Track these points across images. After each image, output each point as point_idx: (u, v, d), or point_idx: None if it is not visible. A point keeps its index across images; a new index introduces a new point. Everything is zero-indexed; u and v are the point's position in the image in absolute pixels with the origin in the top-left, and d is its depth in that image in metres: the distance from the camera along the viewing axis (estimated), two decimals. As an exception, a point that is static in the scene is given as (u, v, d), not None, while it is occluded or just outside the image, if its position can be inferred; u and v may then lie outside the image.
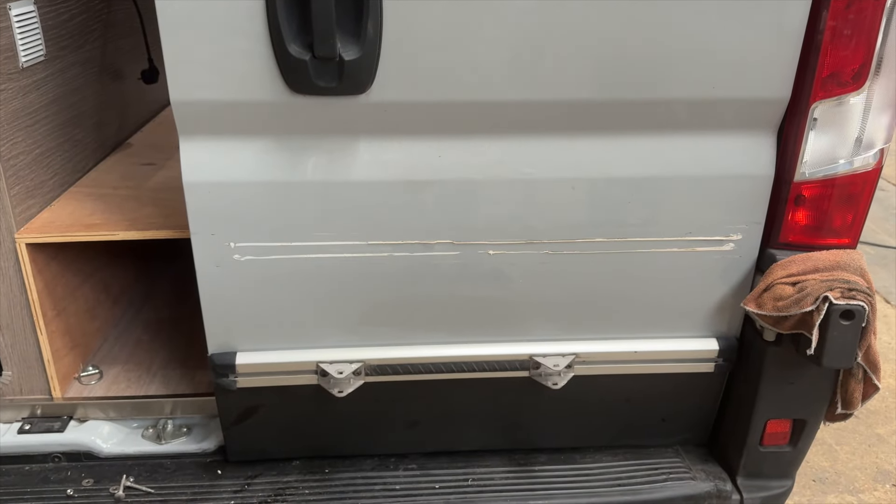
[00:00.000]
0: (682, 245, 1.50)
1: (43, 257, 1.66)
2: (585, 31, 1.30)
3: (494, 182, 1.43)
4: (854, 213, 1.47)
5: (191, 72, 1.28)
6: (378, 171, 1.41)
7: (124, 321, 2.14)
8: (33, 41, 1.68)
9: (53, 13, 1.78)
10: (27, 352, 1.70)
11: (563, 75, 1.34)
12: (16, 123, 1.61)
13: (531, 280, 1.52)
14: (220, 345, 1.53)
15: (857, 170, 1.43)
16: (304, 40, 1.25)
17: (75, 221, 1.67)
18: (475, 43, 1.30)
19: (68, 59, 1.86)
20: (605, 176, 1.45)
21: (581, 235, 1.48)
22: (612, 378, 1.62)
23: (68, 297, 1.81)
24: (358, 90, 1.30)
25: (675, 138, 1.43)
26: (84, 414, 1.79)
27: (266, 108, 1.33)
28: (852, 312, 1.34)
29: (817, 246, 1.48)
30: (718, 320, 1.59)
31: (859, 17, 1.32)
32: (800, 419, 1.61)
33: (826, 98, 1.37)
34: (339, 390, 1.52)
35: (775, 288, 1.44)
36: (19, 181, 1.62)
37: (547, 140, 1.42)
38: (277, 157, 1.39)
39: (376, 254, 1.46)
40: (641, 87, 1.36)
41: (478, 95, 1.35)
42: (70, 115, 1.87)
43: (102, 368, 1.90)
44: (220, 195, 1.40)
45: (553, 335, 1.58)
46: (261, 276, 1.46)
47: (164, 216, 1.70)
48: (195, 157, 1.38)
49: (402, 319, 1.54)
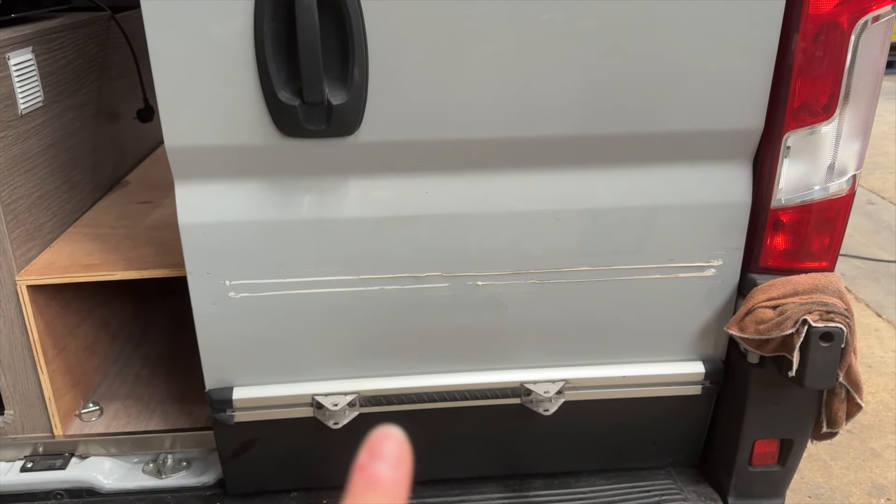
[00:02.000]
0: (665, 272, 1.55)
1: (43, 298, 1.70)
2: (567, 70, 1.35)
3: (481, 215, 1.48)
4: (830, 237, 1.51)
5: (185, 119, 1.33)
6: (367, 208, 1.45)
7: (123, 357, 2.18)
8: (31, 88, 1.73)
9: (51, 60, 1.84)
10: (28, 391, 1.74)
11: (546, 113, 1.39)
12: (15, 169, 1.66)
13: (520, 309, 1.56)
14: (217, 380, 1.57)
15: (832, 195, 1.48)
16: (293, 86, 1.30)
17: (74, 262, 1.71)
18: (458, 84, 1.35)
19: (65, 104, 1.91)
20: (589, 207, 1.49)
21: (567, 265, 1.53)
22: (602, 403, 1.65)
23: (68, 336, 1.84)
24: (346, 132, 1.35)
25: (655, 169, 1.48)
26: (85, 450, 1.81)
27: (258, 151, 1.37)
28: (831, 334, 1.38)
29: (796, 269, 1.52)
30: (704, 344, 1.63)
31: (826, 50, 1.37)
32: (787, 439, 1.64)
33: (798, 128, 1.42)
34: (335, 422, 1.56)
35: (756, 312, 1.48)
36: (19, 224, 1.66)
37: (531, 174, 1.47)
38: (270, 197, 1.43)
39: (368, 287, 1.51)
40: (621, 122, 1.41)
41: (462, 134, 1.40)
42: (68, 157, 1.92)
43: (103, 405, 1.93)
44: (215, 235, 1.44)
45: (543, 362, 1.62)
46: (256, 312, 1.50)
47: (161, 255, 1.74)
48: (190, 199, 1.42)
49: (394, 351, 1.58)
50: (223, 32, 1.28)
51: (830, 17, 1.34)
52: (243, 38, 1.28)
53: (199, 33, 1.28)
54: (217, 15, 1.27)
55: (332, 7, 1.24)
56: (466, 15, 1.30)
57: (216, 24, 1.27)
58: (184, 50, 1.29)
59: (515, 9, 1.30)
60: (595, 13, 1.31)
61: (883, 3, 1.33)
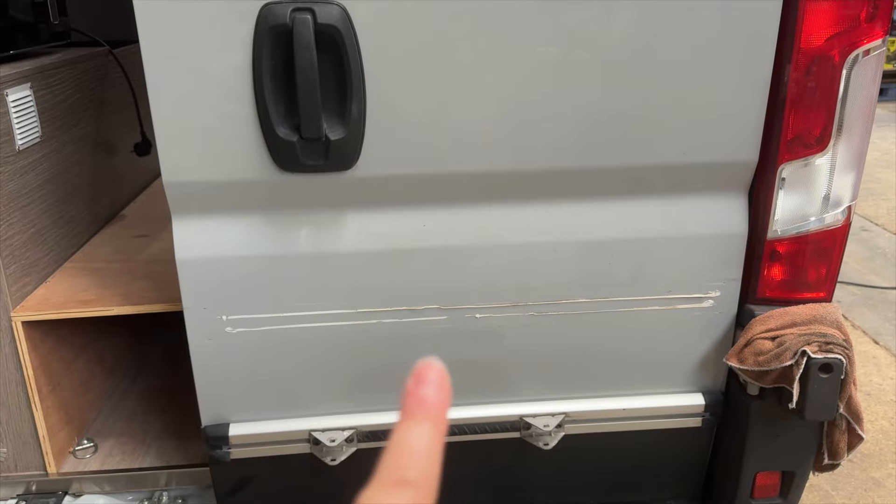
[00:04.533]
0: (664, 303, 1.55)
1: (38, 334, 1.69)
2: (563, 104, 1.36)
3: (478, 248, 1.48)
4: (827, 267, 1.52)
5: (183, 155, 1.34)
6: (365, 241, 1.45)
7: (118, 392, 2.16)
8: (29, 124, 1.74)
9: (49, 95, 1.85)
10: (22, 428, 1.72)
11: (542, 146, 1.40)
12: (12, 204, 1.66)
13: (518, 341, 1.55)
14: (213, 416, 1.55)
15: (828, 226, 1.48)
16: (291, 122, 1.30)
17: (70, 298, 1.71)
18: (455, 118, 1.36)
19: (63, 139, 1.92)
20: (586, 239, 1.49)
21: (565, 297, 1.52)
22: (602, 436, 1.64)
23: (63, 372, 1.83)
24: (344, 167, 1.36)
25: (651, 201, 1.49)
26: (79, 489, 1.79)
27: (256, 186, 1.38)
28: (830, 366, 1.38)
29: (794, 300, 1.52)
30: (703, 375, 1.62)
31: (818, 83, 1.38)
32: (788, 471, 1.63)
33: (792, 160, 1.43)
34: (332, 458, 1.54)
35: (755, 343, 1.47)
36: (15, 260, 1.66)
37: (528, 206, 1.47)
38: (267, 231, 1.43)
39: (365, 321, 1.50)
40: (617, 154, 1.42)
41: (459, 167, 1.40)
42: (65, 192, 1.92)
43: (97, 441, 1.91)
44: (212, 270, 1.43)
45: (542, 395, 1.61)
46: (253, 347, 1.49)
47: (157, 289, 1.74)
48: (187, 234, 1.42)
49: (393, 384, 1.56)
50: (222, 68, 1.29)
51: (822, 50, 1.36)
52: (242, 74, 1.29)
53: (197, 69, 1.29)
54: (216, 51, 1.28)
55: (329, 44, 1.25)
56: (462, 50, 1.31)
57: (215, 60, 1.28)
58: (182, 85, 1.29)
59: (511, 43, 1.31)
60: (590, 47, 1.33)
61: (873, 37, 1.35)
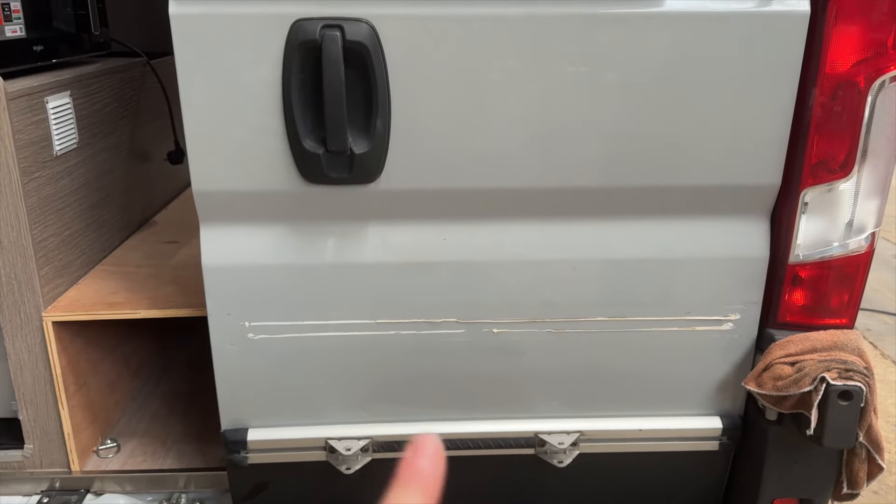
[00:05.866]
0: (683, 324, 1.54)
1: (68, 334, 1.74)
2: (588, 123, 1.38)
3: (498, 263, 1.49)
4: (850, 294, 1.50)
5: (212, 165, 1.38)
6: (386, 253, 1.47)
7: (143, 394, 2.20)
8: (67, 130, 1.79)
9: (87, 103, 1.91)
10: (48, 426, 1.76)
11: (565, 165, 1.41)
12: (48, 207, 1.71)
13: (535, 358, 1.56)
14: (232, 421, 1.58)
15: (852, 252, 1.47)
16: (317, 136, 1.33)
17: (99, 300, 1.75)
18: (479, 135, 1.38)
19: (99, 146, 1.98)
20: (606, 258, 1.50)
21: (583, 315, 1.53)
22: (617, 456, 1.64)
23: (90, 372, 1.87)
24: (367, 180, 1.38)
25: (672, 222, 1.49)
26: (101, 487, 1.83)
27: (282, 197, 1.41)
28: (850, 393, 1.37)
29: (815, 326, 1.51)
30: (721, 398, 1.61)
31: (843, 109, 1.38)
32: (807, 499, 1.61)
33: (816, 184, 1.43)
34: (347, 467, 1.56)
35: (774, 367, 1.46)
36: (48, 262, 1.71)
37: (548, 223, 1.48)
38: (291, 241, 1.46)
39: (384, 332, 1.52)
40: (640, 174, 1.42)
41: (481, 183, 1.42)
42: (98, 197, 1.98)
43: (120, 441, 1.95)
44: (236, 278, 1.47)
45: (558, 412, 1.61)
46: (273, 354, 1.52)
47: (184, 294, 1.78)
48: (214, 241, 1.46)
49: (409, 396, 1.58)
50: (252, 82, 1.32)
51: (847, 76, 1.36)
52: (271, 88, 1.32)
53: (229, 82, 1.32)
54: (247, 65, 1.31)
55: (357, 60, 1.29)
56: (489, 69, 1.33)
57: (246, 74, 1.32)
58: (214, 97, 1.33)
59: (537, 62, 1.33)
60: (616, 68, 1.34)
61: (900, 63, 1.34)
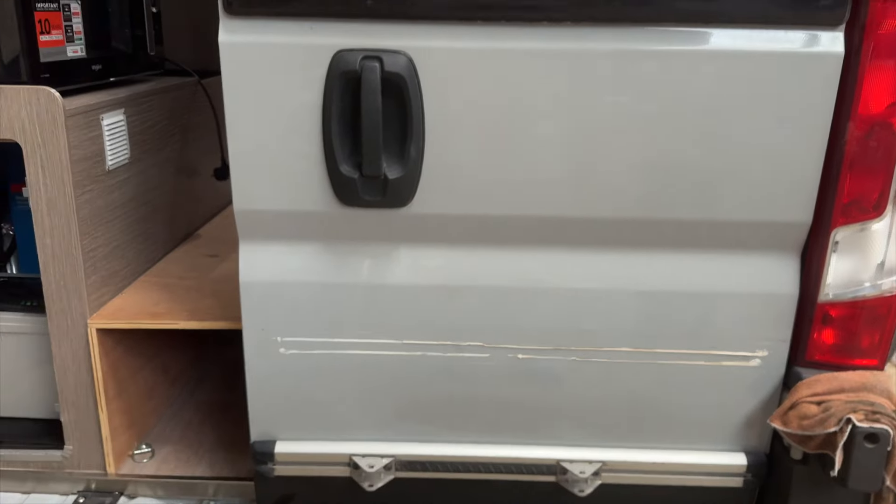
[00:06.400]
0: (710, 359, 1.54)
1: (110, 341, 1.81)
2: (622, 155, 1.40)
3: (525, 290, 1.52)
4: (881, 335, 1.49)
5: (253, 185, 1.44)
6: (415, 275, 1.51)
7: (178, 402, 2.27)
8: (120, 146, 1.88)
9: (139, 120, 1.99)
10: (88, 428, 1.83)
11: (599, 195, 1.43)
12: (98, 219, 1.79)
13: (559, 385, 1.57)
14: (261, 433, 1.63)
15: (884, 293, 1.46)
16: (353, 161, 1.39)
17: (142, 310, 1.82)
18: (510, 165, 1.41)
19: (149, 161, 2.06)
20: (635, 289, 1.51)
21: (608, 344, 1.54)
22: (639, 488, 1.63)
23: (129, 379, 1.94)
24: (400, 204, 1.43)
25: (702, 256, 1.50)
26: (134, 491, 1.89)
27: (318, 217, 1.46)
28: (876, 436, 1.35)
29: (844, 366, 1.49)
30: (747, 435, 1.60)
31: (878, 148, 1.38)
32: (832, 541, 1.58)
33: (847, 223, 1.42)
34: (370, 484, 1.59)
35: (801, 406, 1.45)
36: (96, 271, 1.79)
37: (578, 252, 1.50)
38: (325, 260, 1.51)
39: (410, 353, 1.55)
40: (673, 207, 1.44)
41: (512, 211, 1.45)
42: (146, 210, 2.06)
43: (155, 447, 2.01)
44: (271, 293, 1.52)
45: (581, 441, 1.62)
46: (303, 369, 1.57)
47: (222, 307, 1.84)
48: (252, 258, 1.51)
49: (433, 417, 1.61)
50: (294, 107, 1.38)
51: (882, 117, 1.36)
52: (312, 114, 1.38)
53: (272, 107, 1.39)
54: (290, 92, 1.37)
55: (394, 90, 1.34)
56: (524, 99, 1.37)
57: (288, 100, 1.38)
58: (257, 121, 1.40)
59: (575, 93, 1.36)
60: (651, 102, 1.36)
61: (934, 107, 1.34)
